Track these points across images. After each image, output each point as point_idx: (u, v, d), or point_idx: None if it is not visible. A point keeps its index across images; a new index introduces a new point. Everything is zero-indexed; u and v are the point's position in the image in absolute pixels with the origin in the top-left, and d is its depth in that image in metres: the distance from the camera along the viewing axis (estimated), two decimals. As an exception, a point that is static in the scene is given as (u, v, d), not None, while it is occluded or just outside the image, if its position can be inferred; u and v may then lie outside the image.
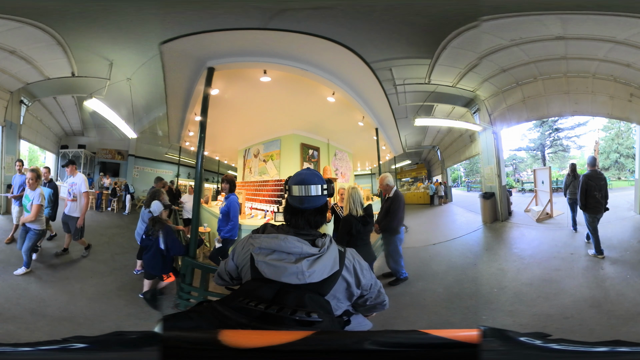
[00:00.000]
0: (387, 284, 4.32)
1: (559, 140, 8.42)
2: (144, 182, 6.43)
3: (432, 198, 7.68)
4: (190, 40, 3.80)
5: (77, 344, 0.80)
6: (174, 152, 7.03)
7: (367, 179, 8.68)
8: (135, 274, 4.40)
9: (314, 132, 6.65)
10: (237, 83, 4.75)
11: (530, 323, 3.21)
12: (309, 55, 4.23)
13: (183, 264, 3.87)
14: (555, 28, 4.37)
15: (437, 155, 7.66)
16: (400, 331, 0.76)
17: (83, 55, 4.85)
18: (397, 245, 4.33)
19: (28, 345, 0.81)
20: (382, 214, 4.36)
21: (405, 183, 8.09)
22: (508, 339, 0.78)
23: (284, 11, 3.92)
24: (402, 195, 4.39)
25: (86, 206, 4.61)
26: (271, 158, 6.56)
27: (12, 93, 5.13)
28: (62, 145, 6.39)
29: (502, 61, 5.05)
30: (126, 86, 5.32)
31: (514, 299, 3.77)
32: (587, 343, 0.78)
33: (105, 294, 3.95)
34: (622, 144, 7.72)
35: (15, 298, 3.54)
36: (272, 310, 0.94)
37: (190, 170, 7.32)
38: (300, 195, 1.23)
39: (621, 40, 4.39)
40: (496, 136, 6.09)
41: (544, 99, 5.62)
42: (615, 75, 5.05)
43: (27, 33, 4.28)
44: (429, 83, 5.40)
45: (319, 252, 1.13)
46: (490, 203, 6.12)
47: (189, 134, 6.28)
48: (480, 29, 4.34)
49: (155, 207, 3.82)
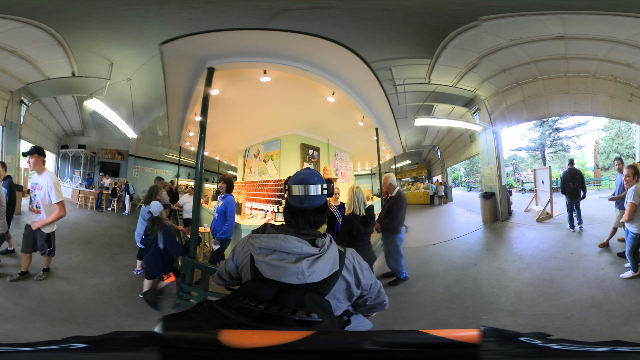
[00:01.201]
0: (387, 284, 4.32)
1: (559, 140, 8.43)
2: (144, 182, 6.43)
3: (432, 198, 7.68)
4: (190, 41, 3.80)
5: (77, 344, 0.79)
6: (174, 152, 7.03)
7: (367, 179, 8.69)
8: (135, 274, 4.40)
9: (314, 132, 6.65)
10: (237, 83, 4.75)
11: (530, 323, 3.21)
12: (309, 56, 4.23)
13: (183, 264, 3.87)
14: (555, 28, 4.37)
15: (437, 155, 7.66)
16: (400, 331, 0.75)
17: (83, 55, 4.85)
18: (397, 244, 4.34)
19: (28, 345, 0.80)
20: (384, 213, 4.38)
21: (406, 183, 8.10)
22: (508, 339, 0.77)
23: (284, 11, 3.93)
24: (404, 195, 4.41)
25: (57, 216, 3.56)
26: (271, 158, 6.56)
27: (13, 93, 5.13)
28: (62, 145, 6.40)
29: (502, 61, 5.05)
30: (126, 86, 5.32)
31: (514, 298, 3.77)
32: (587, 343, 0.78)
33: (105, 294, 3.95)
34: (622, 144, 7.73)
35: (15, 298, 3.54)
36: (272, 310, 0.94)
37: (190, 170, 7.33)
38: (300, 195, 1.23)
39: (621, 40, 4.39)
40: (496, 136, 6.09)
41: (544, 98, 5.63)
42: (616, 75, 5.05)
43: (27, 33, 4.28)
44: (429, 83, 5.40)
45: (319, 252, 1.13)
46: (491, 203, 6.13)
47: (189, 134, 6.28)
48: (480, 28, 4.34)
49: (155, 208, 3.82)
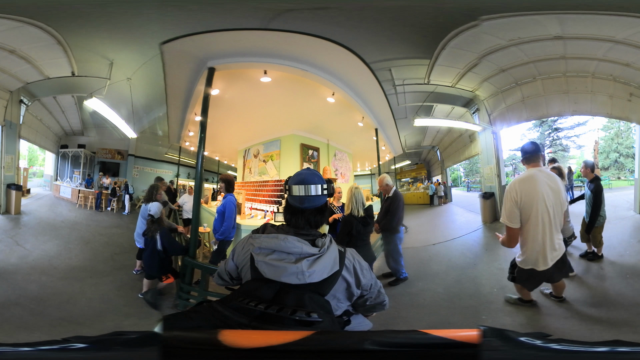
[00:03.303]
0: (387, 284, 4.32)
1: (559, 140, 8.42)
2: (144, 182, 6.43)
3: (431, 198, 7.68)
4: (190, 41, 3.80)
5: (77, 344, 0.80)
6: (174, 152, 7.02)
7: (366, 180, 8.68)
8: (135, 274, 4.40)
9: (313, 133, 6.65)
10: (237, 83, 4.75)
11: (530, 323, 3.21)
12: (309, 56, 4.24)
13: (183, 264, 3.87)
14: (553, 28, 4.37)
15: (437, 156, 7.66)
16: (400, 331, 0.76)
17: (83, 55, 4.84)
18: (397, 244, 4.34)
19: (28, 345, 0.80)
20: (382, 214, 4.38)
21: (405, 183, 8.09)
22: (508, 339, 0.77)
23: (284, 12, 3.92)
24: (401, 194, 4.42)
25: None
26: (271, 158, 6.56)
27: (12, 92, 5.12)
28: (62, 145, 6.39)
29: (501, 61, 5.05)
30: (126, 86, 5.31)
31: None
32: (587, 343, 0.78)
33: (105, 294, 3.94)
34: (622, 144, 7.73)
35: (15, 298, 3.54)
36: (272, 310, 0.94)
37: (190, 170, 7.32)
38: (300, 195, 1.23)
39: (620, 40, 4.39)
40: (496, 136, 6.09)
41: (543, 98, 5.62)
42: (615, 74, 5.05)
43: (27, 32, 4.27)
44: (429, 83, 5.40)
45: (319, 252, 1.13)
46: (490, 203, 6.12)
47: (189, 134, 6.28)
48: (479, 29, 4.34)
49: (155, 209, 3.82)
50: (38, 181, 6.88)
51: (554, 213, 2.57)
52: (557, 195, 2.58)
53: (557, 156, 8.63)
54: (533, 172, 2.61)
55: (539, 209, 2.54)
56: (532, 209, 2.55)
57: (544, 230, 2.58)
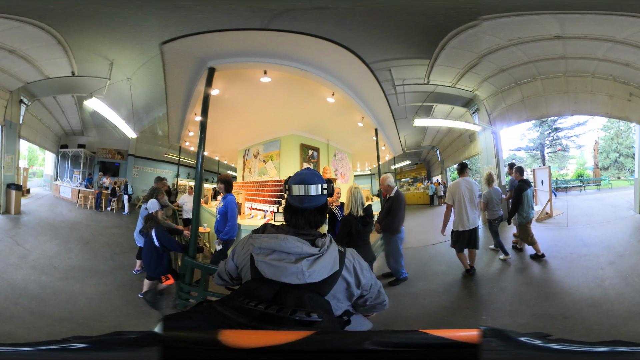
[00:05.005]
0: (387, 284, 4.32)
1: (559, 139, 8.41)
2: (144, 182, 6.43)
3: (431, 198, 7.68)
4: (191, 41, 3.80)
5: (77, 344, 0.80)
6: (174, 152, 7.02)
7: (366, 180, 8.68)
8: (135, 273, 4.40)
9: (313, 133, 6.65)
10: (237, 83, 4.75)
11: (530, 323, 3.21)
12: (308, 56, 4.24)
13: (183, 264, 3.87)
14: (553, 28, 4.37)
15: (437, 156, 7.66)
16: (400, 331, 0.76)
17: (83, 55, 4.84)
18: (397, 244, 4.34)
19: (28, 345, 0.80)
20: (383, 214, 4.38)
21: (405, 183, 8.09)
22: (508, 339, 0.78)
23: (284, 12, 3.93)
24: (403, 195, 4.42)
25: None
26: (271, 158, 6.56)
27: (12, 92, 5.12)
28: (62, 145, 6.39)
29: (500, 61, 5.05)
30: (126, 86, 5.31)
31: (513, 298, 3.77)
32: (587, 343, 0.78)
33: (105, 293, 3.94)
34: (622, 144, 7.72)
35: (14, 298, 3.54)
36: (272, 310, 0.94)
37: (190, 170, 7.31)
38: (300, 195, 1.23)
39: (620, 40, 4.40)
40: (495, 136, 6.09)
41: (543, 98, 5.62)
42: (615, 74, 5.05)
43: (27, 32, 4.28)
44: (428, 83, 5.40)
45: (319, 252, 1.13)
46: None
47: (189, 134, 6.27)
48: (478, 29, 4.34)
49: (151, 205, 3.81)
50: (38, 181, 6.87)
51: (469, 199, 4.43)
52: (470, 191, 4.46)
53: (557, 156, 8.64)
54: (459, 180, 4.53)
55: (461, 196, 4.42)
56: (456, 195, 4.44)
57: (462, 207, 4.41)
